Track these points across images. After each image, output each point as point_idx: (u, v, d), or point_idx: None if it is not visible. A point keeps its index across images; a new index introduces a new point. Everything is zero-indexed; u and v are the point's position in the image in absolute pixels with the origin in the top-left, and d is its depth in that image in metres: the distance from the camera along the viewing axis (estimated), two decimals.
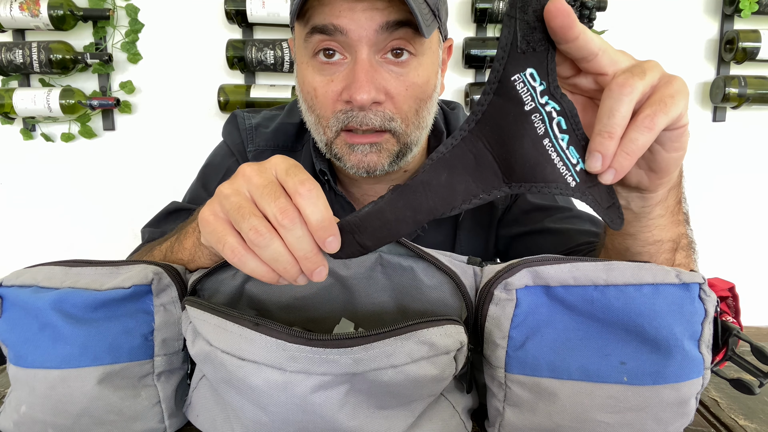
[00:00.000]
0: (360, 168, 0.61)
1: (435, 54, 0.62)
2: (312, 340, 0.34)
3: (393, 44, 0.56)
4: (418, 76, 0.58)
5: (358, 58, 0.55)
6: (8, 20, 1.46)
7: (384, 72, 0.57)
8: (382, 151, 0.60)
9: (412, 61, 0.58)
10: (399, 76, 0.58)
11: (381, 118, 0.57)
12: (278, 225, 0.33)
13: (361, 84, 0.54)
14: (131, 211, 1.66)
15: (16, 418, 0.44)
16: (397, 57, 0.57)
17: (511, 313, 0.40)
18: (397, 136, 0.60)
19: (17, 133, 1.62)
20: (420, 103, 0.60)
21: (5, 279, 0.45)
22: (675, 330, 0.38)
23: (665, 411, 0.39)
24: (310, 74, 0.59)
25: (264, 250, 0.34)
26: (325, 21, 0.55)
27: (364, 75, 0.55)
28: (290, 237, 0.33)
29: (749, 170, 1.66)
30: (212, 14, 1.58)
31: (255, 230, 0.33)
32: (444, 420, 0.43)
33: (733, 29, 1.55)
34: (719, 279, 0.46)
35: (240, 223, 0.34)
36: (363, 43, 0.55)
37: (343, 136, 0.60)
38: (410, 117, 0.60)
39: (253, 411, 0.38)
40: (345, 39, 0.55)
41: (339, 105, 0.58)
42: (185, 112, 1.62)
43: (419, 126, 0.61)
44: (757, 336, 0.71)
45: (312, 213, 0.33)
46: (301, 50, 0.60)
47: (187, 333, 0.42)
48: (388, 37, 0.55)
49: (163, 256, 0.52)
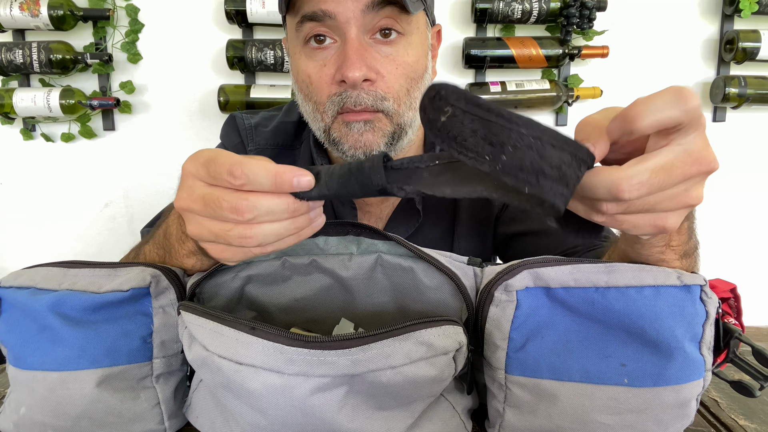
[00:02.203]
0: (357, 148, 0.61)
1: (423, 35, 0.64)
2: (310, 342, 0.34)
3: (381, 24, 0.58)
4: (407, 55, 0.60)
5: (347, 38, 0.57)
6: (8, 20, 1.46)
7: (374, 52, 0.59)
8: (375, 130, 0.61)
9: (401, 40, 0.60)
10: (388, 56, 0.60)
11: (373, 98, 0.59)
12: (247, 219, 0.33)
13: (352, 62, 0.56)
14: (131, 212, 1.66)
15: (16, 420, 0.44)
16: (386, 37, 0.59)
17: (512, 315, 0.40)
18: (390, 116, 0.61)
19: (17, 133, 1.61)
20: (411, 82, 0.61)
21: (3, 280, 0.45)
22: (676, 332, 0.38)
23: (666, 413, 0.39)
24: (304, 62, 0.61)
25: (261, 238, 0.34)
26: (314, 8, 0.57)
27: (354, 53, 0.57)
28: (265, 213, 0.33)
29: (749, 170, 1.65)
30: (212, 14, 1.57)
31: (242, 238, 0.33)
32: (444, 420, 0.43)
33: (733, 29, 1.54)
34: (721, 280, 0.46)
35: (231, 242, 0.34)
36: (351, 24, 0.57)
37: (339, 118, 0.61)
38: (402, 96, 0.61)
39: (252, 415, 0.37)
40: (334, 23, 0.57)
41: (333, 88, 0.59)
42: (185, 112, 1.62)
43: (411, 106, 0.63)
44: (757, 336, 0.71)
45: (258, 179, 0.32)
46: (294, 41, 0.62)
47: (183, 338, 0.42)
48: (375, 16, 0.57)
49: (158, 252, 0.51)
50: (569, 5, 1.46)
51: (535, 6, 1.46)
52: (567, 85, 1.57)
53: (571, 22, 1.47)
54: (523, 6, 1.46)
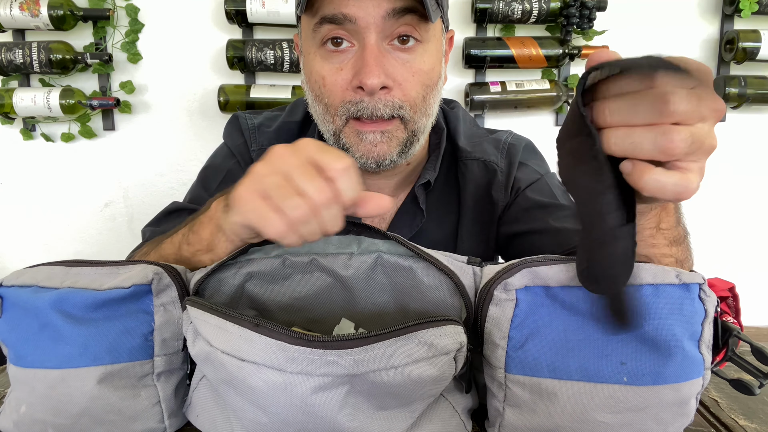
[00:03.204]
0: (369, 158, 0.61)
1: (439, 42, 0.63)
2: (312, 341, 0.34)
3: (400, 30, 0.58)
4: (424, 63, 0.60)
5: (366, 43, 0.57)
6: (8, 20, 1.46)
7: (391, 58, 0.58)
8: (392, 140, 0.61)
9: (418, 47, 0.59)
10: (406, 63, 0.59)
11: (390, 108, 0.59)
12: (317, 204, 0.37)
13: (371, 68, 0.56)
14: (131, 212, 1.66)
15: (16, 418, 0.44)
16: (404, 44, 0.59)
17: (511, 314, 0.40)
18: (406, 122, 0.61)
19: (17, 133, 1.62)
20: (426, 89, 0.61)
21: (5, 279, 0.45)
22: (675, 330, 0.38)
23: (665, 411, 0.39)
24: (318, 63, 0.60)
25: (305, 226, 0.37)
26: (335, 11, 0.56)
27: (373, 60, 0.56)
28: (326, 215, 0.37)
29: (749, 170, 1.65)
30: (212, 14, 1.57)
31: (299, 209, 0.37)
32: (444, 420, 0.43)
33: (733, 29, 1.55)
34: (719, 279, 0.46)
35: (283, 202, 0.37)
36: (371, 30, 0.56)
37: (352, 124, 0.61)
38: (418, 103, 0.61)
39: (253, 412, 0.38)
40: (353, 27, 0.56)
41: (348, 94, 0.59)
42: (185, 112, 1.62)
43: (426, 113, 0.63)
44: (757, 336, 0.71)
45: (345, 190, 0.37)
46: (309, 41, 0.61)
47: (187, 333, 0.42)
48: (394, 23, 0.57)
49: (177, 249, 0.52)
50: (569, 5, 1.46)
51: (535, 6, 1.46)
52: (567, 85, 1.57)
53: (571, 22, 1.47)
54: (523, 6, 1.46)
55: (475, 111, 1.56)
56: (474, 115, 1.58)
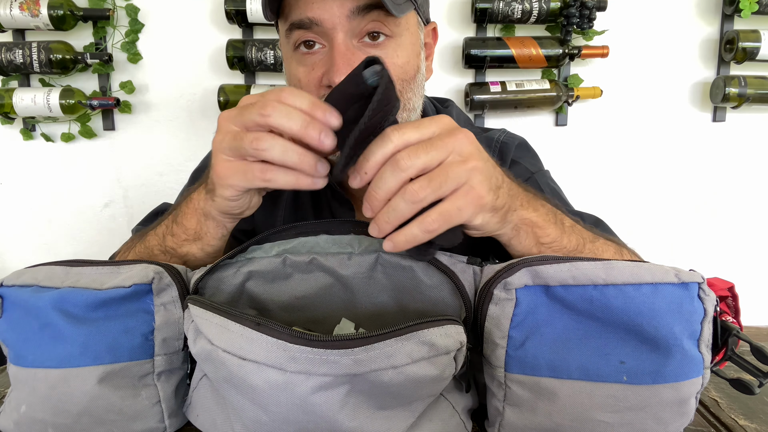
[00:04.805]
0: None
1: (415, 36, 0.64)
2: (313, 340, 0.34)
3: (368, 27, 0.58)
4: (397, 57, 0.60)
5: (334, 44, 0.58)
6: (8, 20, 1.46)
7: (362, 55, 0.59)
8: None
9: (390, 42, 0.60)
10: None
11: None
12: (267, 120, 0.37)
13: (338, 67, 0.56)
14: (131, 212, 1.66)
15: (17, 418, 0.44)
16: (374, 40, 0.59)
17: (511, 313, 0.40)
18: None
19: (17, 133, 1.61)
20: (403, 84, 0.62)
21: (6, 279, 0.45)
22: (674, 329, 0.38)
23: (665, 410, 0.39)
24: (294, 67, 0.62)
25: (271, 151, 0.37)
26: (301, 16, 0.57)
27: (340, 58, 0.57)
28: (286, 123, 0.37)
29: (749, 170, 1.65)
30: (212, 14, 1.57)
31: (255, 139, 0.37)
32: (444, 420, 0.43)
33: (733, 29, 1.54)
34: (719, 279, 0.46)
35: (242, 146, 0.37)
36: (338, 30, 0.57)
37: None
38: None
39: (254, 410, 0.38)
40: (321, 29, 0.57)
41: (321, 91, 0.60)
42: (185, 112, 1.62)
43: (405, 107, 0.63)
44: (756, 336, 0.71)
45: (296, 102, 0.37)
46: (285, 46, 0.63)
47: (188, 331, 0.42)
48: (361, 21, 0.57)
49: (161, 240, 0.53)
50: (569, 5, 1.46)
51: (535, 6, 1.46)
52: (567, 85, 1.57)
53: (571, 22, 1.47)
54: (523, 6, 1.46)
55: (475, 111, 1.56)
56: (474, 116, 1.58)
